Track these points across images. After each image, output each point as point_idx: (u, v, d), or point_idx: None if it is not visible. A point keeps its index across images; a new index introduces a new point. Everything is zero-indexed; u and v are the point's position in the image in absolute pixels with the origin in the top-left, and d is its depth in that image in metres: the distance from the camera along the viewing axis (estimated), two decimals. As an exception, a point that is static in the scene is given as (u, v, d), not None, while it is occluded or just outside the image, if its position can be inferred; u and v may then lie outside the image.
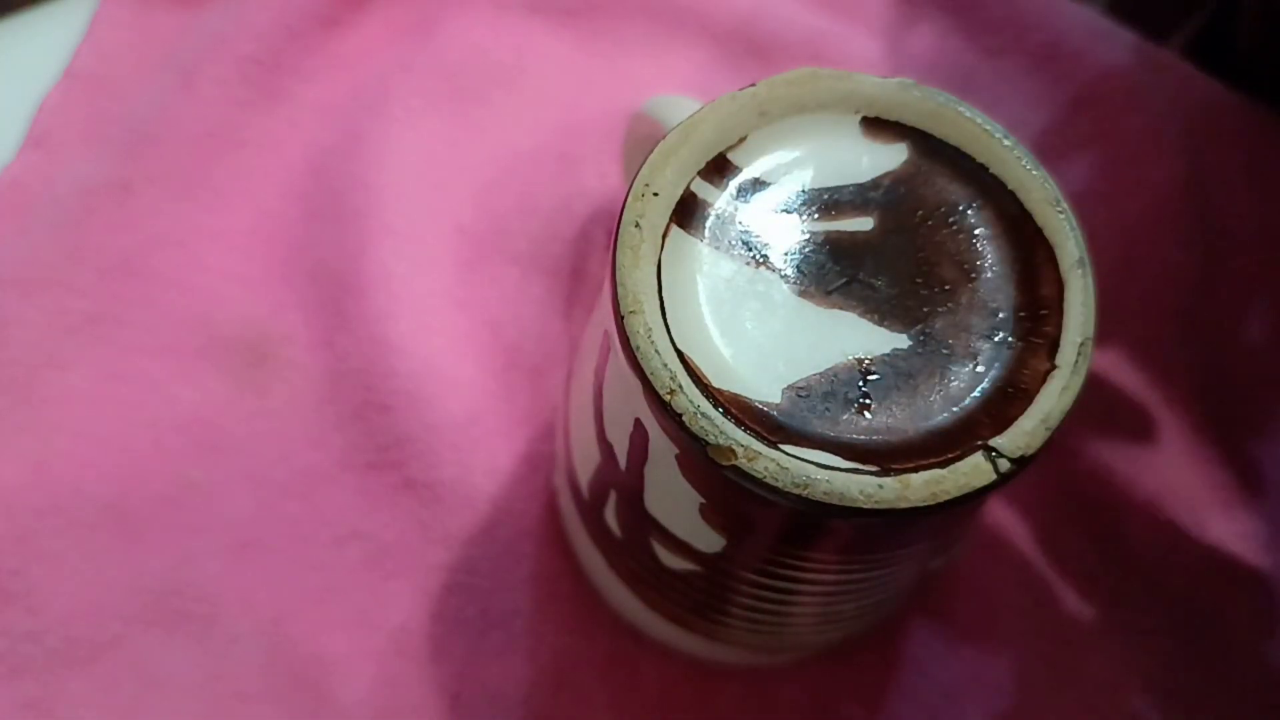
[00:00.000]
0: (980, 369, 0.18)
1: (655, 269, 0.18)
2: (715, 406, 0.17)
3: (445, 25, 0.33)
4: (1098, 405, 0.29)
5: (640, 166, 0.19)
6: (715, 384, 0.17)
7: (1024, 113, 0.33)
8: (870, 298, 0.18)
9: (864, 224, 0.19)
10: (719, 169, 0.19)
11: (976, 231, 0.19)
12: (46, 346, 0.28)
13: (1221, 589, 0.28)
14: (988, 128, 0.19)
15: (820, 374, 0.18)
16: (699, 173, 0.19)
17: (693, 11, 0.33)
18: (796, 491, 0.17)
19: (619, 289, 0.18)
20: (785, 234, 0.19)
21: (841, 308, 0.18)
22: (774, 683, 0.26)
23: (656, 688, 0.26)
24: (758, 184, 0.19)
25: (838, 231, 0.19)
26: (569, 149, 0.32)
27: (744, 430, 0.17)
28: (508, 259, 0.30)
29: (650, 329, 0.17)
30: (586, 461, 0.22)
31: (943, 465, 0.17)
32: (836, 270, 0.19)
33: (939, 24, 0.34)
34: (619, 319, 0.18)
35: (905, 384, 0.18)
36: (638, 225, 0.18)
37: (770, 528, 0.19)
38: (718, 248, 0.19)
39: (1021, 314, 0.18)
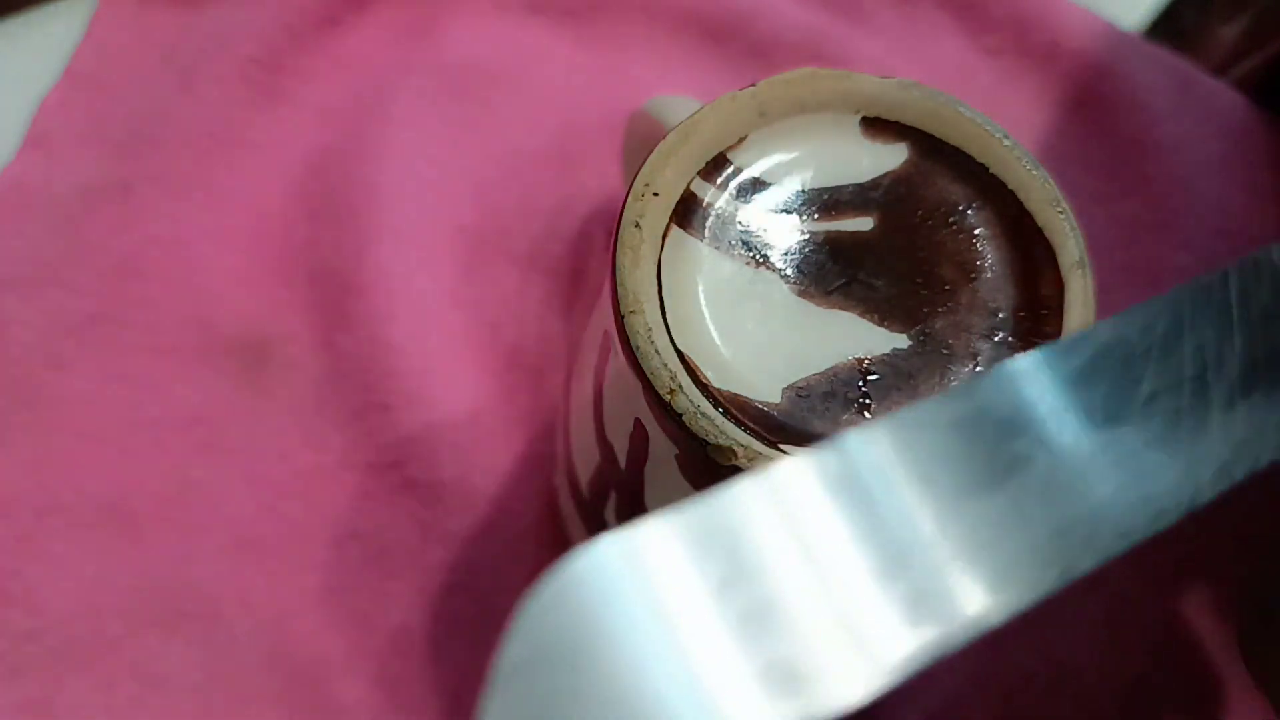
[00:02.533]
0: (980, 369, 0.18)
1: (655, 269, 0.18)
2: (715, 406, 0.17)
3: (445, 25, 0.33)
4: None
5: (640, 166, 0.19)
6: (715, 384, 0.17)
7: (1024, 113, 0.33)
8: (870, 298, 0.18)
9: (864, 224, 0.19)
10: (719, 169, 0.19)
11: (976, 231, 0.19)
12: (46, 346, 0.28)
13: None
14: (988, 128, 0.19)
15: (820, 374, 0.18)
16: (699, 173, 0.19)
17: (693, 11, 0.33)
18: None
19: (619, 289, 0.18)
20: (785, 234, 0.19)
21: (841, 308, 0.18)
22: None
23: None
24: (758, 184, 0.19)
25: (838, 231, 0.19)
26: (569, 149, 0.32)
27: (744, 430, 0.17)
28: (508, 259, 0.30)
29: (650, 329, 0.17)
30: (586, 461, 0.22)
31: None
32: (836, 270, 0.19)
33: (939, 24, 0.34)
34: (619, 319, 0.18)
35: (905, 384, 0.18)
36: (638, 225, 0.18)
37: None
38: (718, 248, 0.19)
39: (1021, 314, 0.18)
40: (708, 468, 0.17)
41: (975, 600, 0.12)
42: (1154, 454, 0.13)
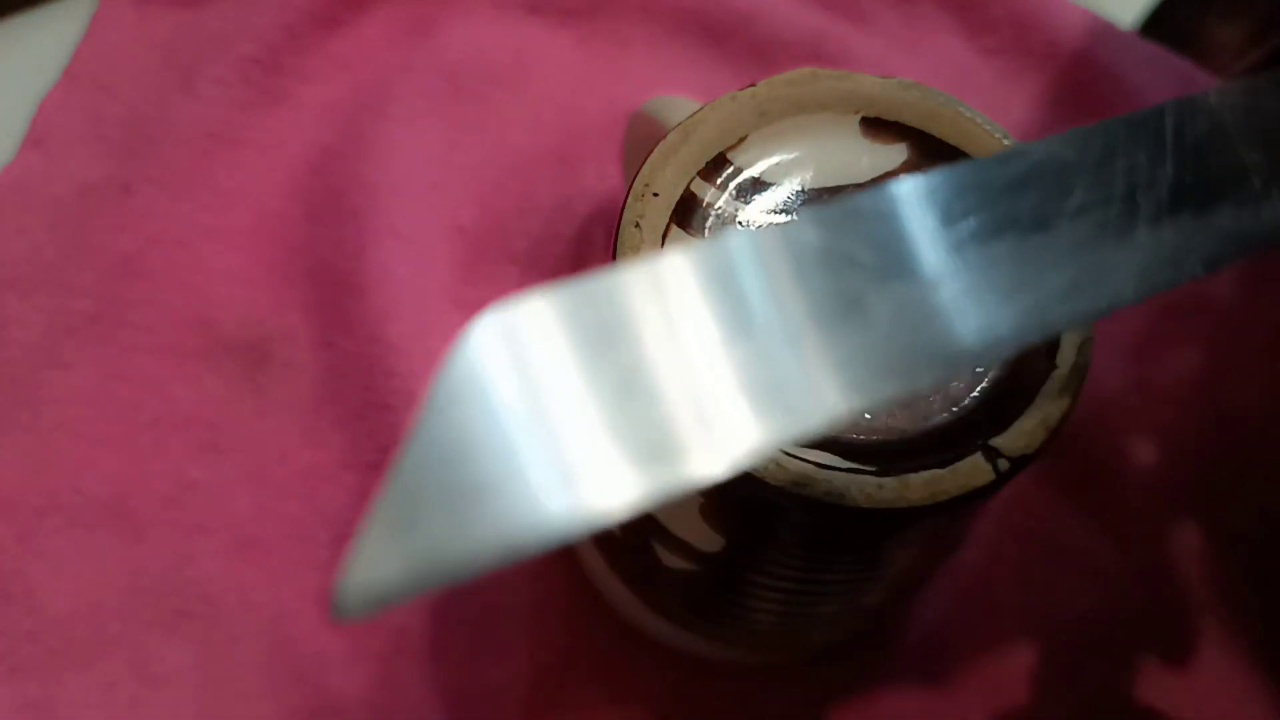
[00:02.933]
0: (980, 369, 0.18)
1: (655, 269, 0.18)
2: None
3: (445, 25, 0.33)
4: (1096, 403, 0.29)
5: (640, 167, 0.19)
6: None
7: (1024, 113, 0.33)
8: (870, 298, 0.18)
9: (864, 224, 0.19)
10: (719, 169, 0.19)
11: (976, 231, 0.19)
12: (46, 346, 0.28)
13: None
14: (987, 128, 0.19)
15: (820, 374, 0.18)
16: (699, 173, 0.19)
17: (693, 11, 0.33)
18: (796, 491, 0.17)
19: (619, 289, 0.18)
20: (785, 234, 0.19)
21: (841, 308, 0.18)
22: (774, 682, 0.27)
23: (656, 688, 0.26)
24: (757, 184, 0.19)
25: (837, 231, 0.19)
26: (569, 149, 0.32)
27: (744, 430, 0.17)
28: (508, 259, 0.30)
29: (650, 329, 0.17)
30: (586, 461, 0.22)
31: (942, 465, 0.17)
32: (836, 270, 0.19)
33: (939, 24, 0.34)
34: (619, 319, 0.18)
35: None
36: (638, 225, 0.18)
37: (770, 527, 0.19)
38: (718, 248, 0.19)
39: (1021, 314, 0.18)
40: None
41: (832, 397, 0.12)
42: (1079, 256, 0.14)
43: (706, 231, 0.19)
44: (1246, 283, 0.31)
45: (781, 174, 0.19)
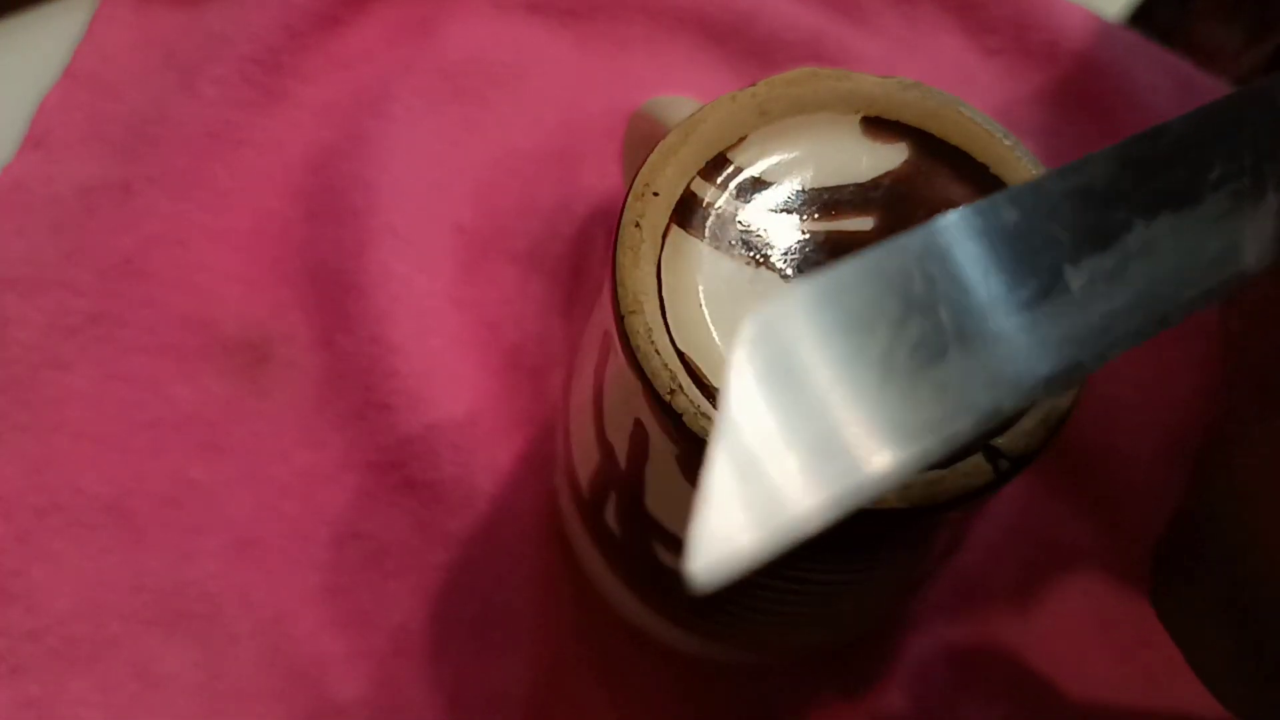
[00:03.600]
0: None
1: (655, 269, 0.18)
2: (715, 406, 0.17)
3: (445, 25, 0.33)
4: (1097, 403, 0.29)
5: (640, 166, 0.19)
6: (715, 384, 0.17)
7: (1024, 113, 0.33)
8: (870, 297, 0.18)
9: (864, 224, 0.19)
10: (719, 169, 0.19)
11: (976, 231, 0.19)
12: (46, 346, 0.28)
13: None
14: (988, 127, 0.19)
15: (820, 374, 0.18)
16: (699, 172, 0.19)
17: (693, 11, 0.33)
18: (796, 491, 0.16)
19: (619, 289, 0.18)
20: (785, 234, 0.19)
21: (841, 307, 0.18)
22: (773, 682, 0.27)
23: (656, 688, 0.26)
24: (758, 184, 0.19)
25: (838, 231, 0.19)
26: (569, 149, 0.32)
27: (744, 430, 0.17)
28: (508, 259, 0.30)
29: (650, 329, 0.17)
30: (586, 461, 0.22)
31: (943, 465, 0.17)
32: (836, 270, 0.19)
33: (939, 24, 0.34)
34: (619, 319, 0.18)
35: (905, 384, 0.18)
36: (638, 225, 0.18)
37: (770, 528, 0.19)
38: (718, 247, 0.19)
39: (1021, 314, 0.18)
40: (708, 467, 0.17)
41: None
42: (1222, 227, 0.14)
43: (707, 231, 0.19)
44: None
45: (782, 173, 0.19)
